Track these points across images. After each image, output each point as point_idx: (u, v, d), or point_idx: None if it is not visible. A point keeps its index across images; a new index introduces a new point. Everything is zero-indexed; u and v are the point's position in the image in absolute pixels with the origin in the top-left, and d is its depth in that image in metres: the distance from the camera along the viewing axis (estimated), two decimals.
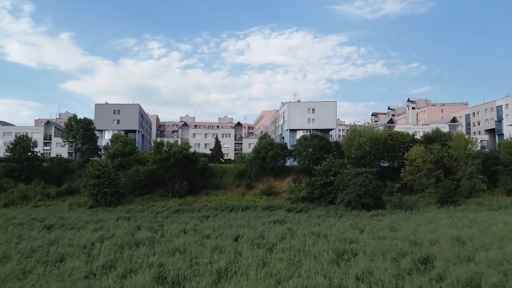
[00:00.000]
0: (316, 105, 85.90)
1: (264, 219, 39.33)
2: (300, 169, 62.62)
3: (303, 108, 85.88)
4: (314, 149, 61.39)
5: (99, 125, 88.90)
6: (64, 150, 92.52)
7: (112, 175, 55.69)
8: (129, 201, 56.56)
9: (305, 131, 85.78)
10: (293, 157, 65.19)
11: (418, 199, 56.87)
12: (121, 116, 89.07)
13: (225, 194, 59.55)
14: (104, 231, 28.46)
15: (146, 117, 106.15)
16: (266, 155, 61.93)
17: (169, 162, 57.14)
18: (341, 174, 54.41)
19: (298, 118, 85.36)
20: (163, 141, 59.90)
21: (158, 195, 58.57)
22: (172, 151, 57.16)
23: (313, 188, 54.96)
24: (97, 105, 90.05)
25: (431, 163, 57.64)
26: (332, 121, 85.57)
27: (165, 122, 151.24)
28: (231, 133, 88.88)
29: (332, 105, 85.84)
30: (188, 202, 56.07)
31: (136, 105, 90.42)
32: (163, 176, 59.83)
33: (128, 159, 63.31)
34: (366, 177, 51.83)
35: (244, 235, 25.38)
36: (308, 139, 62.46)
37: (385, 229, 29.97)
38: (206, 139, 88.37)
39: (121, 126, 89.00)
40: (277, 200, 55.97)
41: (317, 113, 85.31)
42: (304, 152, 61.79)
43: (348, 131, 71.80)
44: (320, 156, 60.79)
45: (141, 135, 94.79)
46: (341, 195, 52.06)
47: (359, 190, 50.15)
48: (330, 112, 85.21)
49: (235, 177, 63.87)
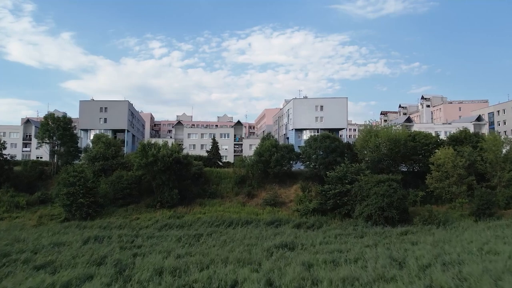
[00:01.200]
0: (325, 102, 78.25)
1: (269, 241, 31.75)
2: (309, 175, 54.94)
3: (310, 105, 78.25)
4: (325, 151, 53.71)
5: (85, 124, 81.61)
6: (46, 152, 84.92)
7: (89, 183, 48.14)
8: (110, 212, 49.00)
9: (312, 131, 78.14)
10: (300, 161, 57.54)
11: (448, 210, 49.10)
12: (109, 114, 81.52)
13: (222, 204, 51.92)
14: (49, 270, 20.84)
15: (138, 116, 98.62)
16: (270, 159, 54.30)
17: (156, 167, 49.53)
18: (359, 182, 46.81)
19: (305, 116, 77.74)
20: (150, 142, 52.47)
21: (144, 206, 50.99)
22: (160, 154, 49.56)
23: (325, 198, 47.36)
24: (82, 102, 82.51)
25: (463, 168, 50.12)
26: (343, 120, 77.93)
27: (160, 121, 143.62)
28: (230, 133, 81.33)
29: (342, 102, 78.20)
30: (178, 214, 48.50)
31: (125, 102, 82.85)
32: (150, 184, 52.27)
33: (111, 163, 55.72)
34: (390, 185, 44.20)
35: (244, 281, 17.82)
36: (319, 140, 54.77)
37: (435, 264, 22.29)
38: (203, 139, 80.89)
39: (109, 125, 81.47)
40: (283, 212, 48.32)
41: (326, 111, 77.66)
42: (314, 155, 54.11)
43: (362, 131, 64.06)
44: (332, 160, 53.16)
45: (131, 135, 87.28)
46: (359, 207, 44.46)
47: (381, 202, 42.55)
48: (340, 110, 77.56)
49: (234, 184, 56.22)
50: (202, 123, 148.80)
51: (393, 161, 57.84)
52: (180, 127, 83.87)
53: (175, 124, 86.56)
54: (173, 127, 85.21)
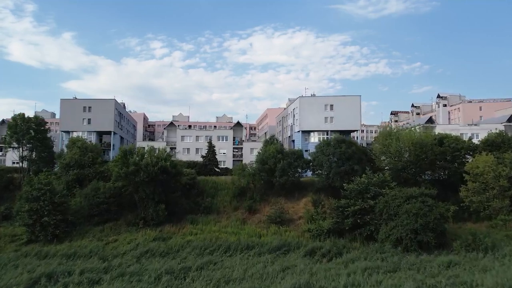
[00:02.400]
0: (335, 101, 70.38)
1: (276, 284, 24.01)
2: (321, 186, 47.04)
3: (318, 104, 70.39)
4: (340, 158, 45.88)
5: (66, 125, 73.84)
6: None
7: (57, 197, 40.39)
8: (83, 233, 41.25)
9: (321, 133, 70.33)
10: (310, 169, 49.70)
11: (489, 229, 41.21)
12: (93, 114, 73.70)
13: (218, 221, 44.06)
14: None
15: (128, 116, 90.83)
16: (275, 167, 46.49)
17: (139, 178, 41.79)
18: (384, 196, 38.96)
19: (313, 116, 69.88)
20: (132, 147, 44.82)
21: (125, 224, 43.22)
22: (143, 162, 41.80)
23: (342, 215, 39.49)
24: (64, 101, 74.68)
25: (506, 179, 42.42)
26: (356, 120, 70.06)
27: (154, 121, 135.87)
28: (229, 135, 73.51)
29: (355, 100, 70.34)
30: (165, 235, 40.72)
31: (111, 101, 75.06)
32: (132, 197, 44.53)
33: (87, 172, 47.99)
34: (424, 202, 36.35)
35: None
36: (332, 144, 46.93)
37: None
38: (198, 142, 73.16)
39: (93, 126, 73.68)
40: (291, 233, 40.40)
41: (337, 111, 69.76)
42: (327, 163, 46.25)
43: (380, 134, 56.24)
44: (349, 168, 45.35)
45: (119, 138, 79.50)
46: (386, 228, 36.60)
47: (414, 223, 34.71)
48: (352, 110, 69.67)
49: (232, 197, 48.38)
50: (199, 124, 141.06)
51: (419, 169, 50.16)
52: (172, 129, 76.03)
53: (167, 125, 78.77)
54: (165, 128, 77.46)
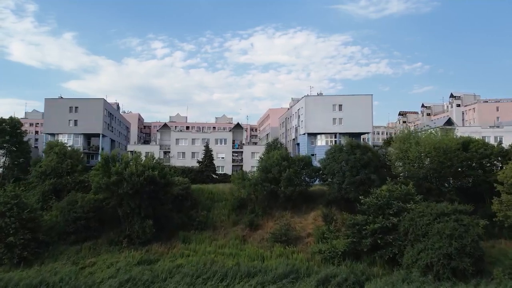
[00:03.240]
0: (345, 100, 64.85)
1: None
2: (332, 198, 41.42)
3: (326, 104, 64.88)
4: (354, 166, 40.30)
5: (51, 127, 68.54)
6: None
7: (26, 213, 34.90)
8: (56, 254, 35.77)
9: (329, 136, 64.86)
10: (320, 178, 44.14)
11: None
12: (80, 115, 68.33)
13: (214, 239, 38.53)
14: None
15: (120, 117, 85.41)
16: (280, 176, 40.97)
17: (122, 189, 36.30)
18: (409, 212, 33.44)
19: (320, 117, 64.37)
20: (116, 154, 39.37)
21: (107, 242, 37.69)
22: (127, 171, 36.29)
23: (359, 234, 33.99)
24: (48, 101, 69.32)
25: None
26: (367, 121, 64.54)
27: (150, 122, 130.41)
28: (228, 138, 67.94)
29: (366, 100, 64.83)
30: (152, 256, 35.30)
31: (99, 101, 69.63)
32: (115, 211, 39.02)
33: (65, 182, 42.53)
34: (459, 221, 30.83)
35: None
36: (345, 150, 41.39)
37: None
38: (194, 146, 67.64)
39: (80, 128, 68.34)
40: (300, 255, 34.78)
41: (346, 111, 64.24)
42: (340, 172, 40.67)
43: (397, 138, 50.71)
44: (365, 178, 39.80)
45: (109, 140, 74.06)
46: (412, 251, 31.07)
47: (448, 246, 29.23)
48: (363, 110, 64.18)
49: (231, 209, 42.87)
50: (197, 125, 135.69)
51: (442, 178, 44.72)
52: (166, 131, 70.43)
53: (161, 127, 73.17)
54: (158, 131, 71.86)
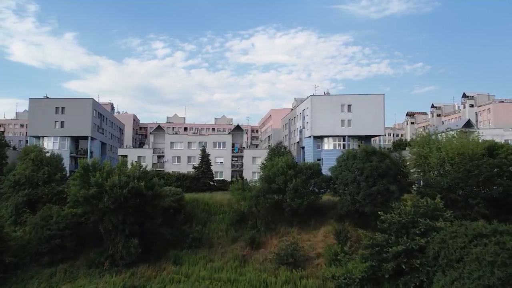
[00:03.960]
0: (354, 100, 60.01)
1: None
2: (345, 212, 36.56)
3: (333, 104, 60.06)
4: (371, 176, 35.45)
5: (36, 129, 63.85)
6: None
7: None
8: (27, 278, 31.11)
9: (336, 139, 60.09)
10: (332, 189, 39.21)
11: None
12: (67, 117, 63.58)
13: (210, 260, 33.73)
14: None
15: (112, 117, 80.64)
16: (285, 187, 36.16)
17: (102, 203, 31.56)
18: (438, 233, 28.60)
19: (327, 118, 59.57)
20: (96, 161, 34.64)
21: (86, 264, 32.95)
22: (109, 183, 31.53)
23: (379, 257, 29.18)
24: (33, 101, 64.62)
25: None
26: (378, 123, 59.69)
27: (146, 123, 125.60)
28: (227, 141, 63.10)
29: (378, 100, 59.97)
30: (137, 281, 30.61)
31: (88, 100, 64.86)
32: (97, 227, 34.25)
33: (41, 193, 37.74)
34: (500, 244, 25.94)
35: None
36: (360, 157, 36.53)
37: None
38: (190, 150, 62.81)
39: (67, 130, 63.58)
40: (310, 281, 29.98)
41: (356, 112, 59.44)
42: (354, 183, 35.80)
43: (416, 142, 45.80)
44: (383, 189, 34.98)
45: (99, 144, 69.35)
46: (444, 280, 26.13)
47: (489, 275, 24.34)
48: (374, 111, 59.37)
49: (229, 224, 38.07)
50: (195, 126, 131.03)
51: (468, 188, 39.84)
52: (160, 134, 65.53)
53: (154, 129, 68.29)
54: (151, 133, 67.05)
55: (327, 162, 59.77)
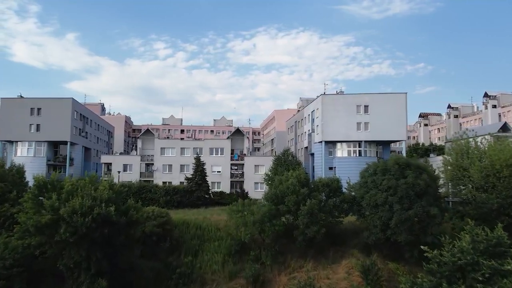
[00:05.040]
0: (372, 100, 52.76)
1: None
2: (373, 241, 29.25)
3: (348, 104, 52.82)
4: (407, 196, 28.17)
5: (7, 134, 56.76)
6: None
7: None
8: None
9: (351, 144, 52.87)
10: (355, 212, 31.81)
11: None
12: (43, 119, 56.53)
13: None
14: None
15: (97, 119, 73.40)
16: (297, 209, 28.93)
17: (59, 235, 24.35)
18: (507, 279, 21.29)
19: (341, 121, 52.37)
20: (55, 179, 27.40)
21: None
22: (67, 208, 24.29)
23: None
24: (5, 101, 57.51)
25: None
26: (400, 127, 52.45)
27: (140, 125, 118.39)
28: (225, 147, 55.79)
29: (399, 100, 52.68)
30: None
31: (67, 101, 57.68)
32: (55, 264, 26.97)
33: None
34: None
35: None
36: (392, 172, 29.21)
37: None
38: (184, 157, 55.57)
39: (43, 134, 56.49)
40: None
41: (374, 114, 52.20)
42: (384, 205, 28.48)
43: (454, 150, 38.41)
44: (421, 212, 27.74)
45: (82, 149, 62.24)
46: None
47: None
48: (396, 112, 52.15)
49: (227, 254, 30.76)
50: (193, 128, 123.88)
51: None
52: (149, 138, 58.23)
53: (142, 133, 60.88)
54: (139, 137, 59.73)
55: (340, 171, 52.52)
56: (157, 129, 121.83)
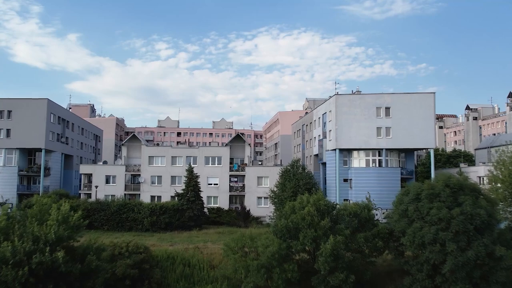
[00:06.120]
0: (394, 101, 45.67)
1: None
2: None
3: (367, 106, 45.73)
4: (465, 231, 21.04)
5: None
6: None
7: None
8: None
9: (370, 153, 45.88)
10: (390, 247, 24.60)
11: None
12: (14, 123, 49.63)
13: None
14: None
15: (81, 122, 66.33)
16: (316, 247, 21.88)
17: None
18: None
19: (358, 126, 45.37)
20: None
21: None
22: None
23: None
24: None
25: None
26: (427, 132, 45.36)
27: (134, 128, 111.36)
28: (224, 155, 48.57)
29: (427, 101, 45.51)
30: None
31: (41, 102, 50.64)
32: None
33: None
34: None
35: None
36: (443, 196, 22.05)
37: None
38: (175, 167, 48.40)
39: (14, 141, 49.63)
40: None
41: (396, 117, 45.19)
42: (436, 244, 21.34)
43: (503, 162, 31.27)
44: (483, 253, 20.67)
45: (61, 157, 55.33)
46: None
47: None
48: (423, 115, 45.14)
49: None
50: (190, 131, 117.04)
51: None
52: (135, 145, 50.92)
53: (127, 139, 53.44)
54: (123, 144, 52.36)
55: (357, 184, 45.52)
56: (152, 132, 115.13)
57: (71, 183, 58.75)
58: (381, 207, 42.98)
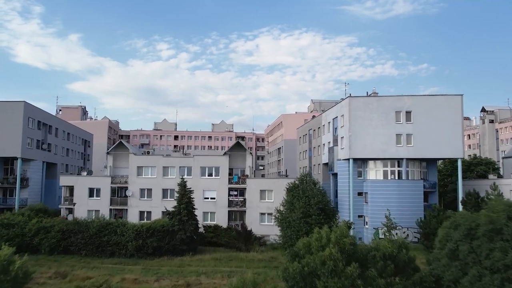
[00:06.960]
0: (416, 104, 40.45)
1: None
2: None
3: (385, 109, 40.58)
4: None
5: None
6: None
7: None
8: None
9: (389, 163, 40.68)
10: None
11: None
12: None
13: None
14: None
15: (67, 126, 61.00)
16: None
17: None
18: None
19: (374, 132, 40.23)
20: None
21: None
22: None
23: None
24: None
25: None
26: (455, 140, 40.21)
27: (129, 131, 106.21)
28: (222, 165, 43.10)
29: (454, 104, 40.35)
30: None
31: (17, 104, 45.39)
32: None
33: None
34: None
35: None
36: (507, 232, 16.86)
37: None
38: (167, 179, 43.08)
39: None
40: None
41: (419, 122, 40.03)
42: None
43: None
44: None
45: (42, 165, 50.19)
46: None
47: None
48: (449, 120, 40.03)
49: None
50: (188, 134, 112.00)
51: None
52: (122, 154, 45.34)
53: (113, 147, 47.90)
54: (109, 152, 46.82)
55: (374, 199, 40.26)
56: (148, 135, 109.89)
57: (55, 194, 53.44)
58: (401, 225, 38.10)
